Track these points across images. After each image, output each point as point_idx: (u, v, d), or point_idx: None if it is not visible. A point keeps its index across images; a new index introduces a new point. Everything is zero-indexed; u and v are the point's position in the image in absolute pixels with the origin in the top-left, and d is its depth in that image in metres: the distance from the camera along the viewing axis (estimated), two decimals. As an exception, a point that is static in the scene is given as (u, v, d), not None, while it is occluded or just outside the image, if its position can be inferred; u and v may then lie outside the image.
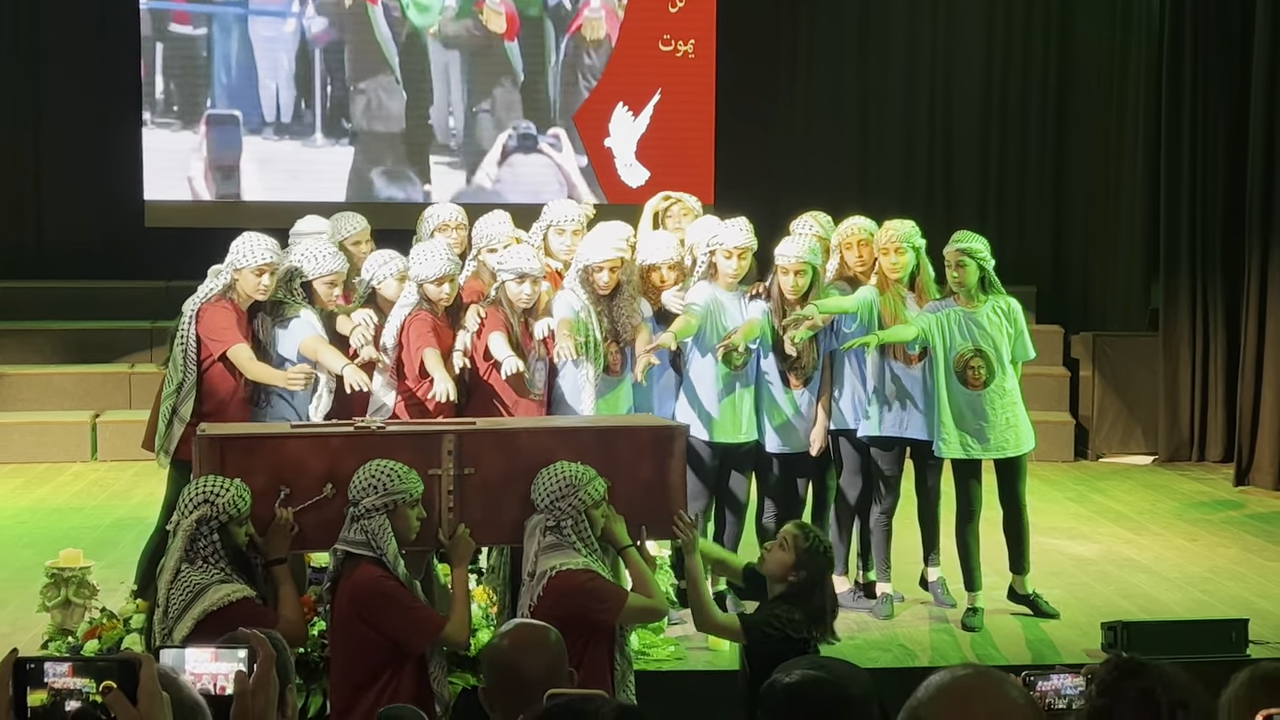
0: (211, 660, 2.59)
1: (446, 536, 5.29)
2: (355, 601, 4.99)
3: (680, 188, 8.17)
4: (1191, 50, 11.21)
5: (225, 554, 4.92)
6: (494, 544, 5.35)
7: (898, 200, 12.23)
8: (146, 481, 10.15)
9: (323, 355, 6.60)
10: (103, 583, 6.80)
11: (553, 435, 5.52)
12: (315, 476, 5.23)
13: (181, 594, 4.82)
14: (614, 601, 5.10)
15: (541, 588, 5.07)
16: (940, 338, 7.02)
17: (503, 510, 5.34)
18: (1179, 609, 7.45)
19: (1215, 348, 11.27)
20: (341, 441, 5.32)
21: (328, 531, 5.17)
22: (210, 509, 4.92)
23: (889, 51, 13.38)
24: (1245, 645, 6.54)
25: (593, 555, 5.21)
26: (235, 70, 12.72)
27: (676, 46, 13.05)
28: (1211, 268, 11.27)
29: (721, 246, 7.01)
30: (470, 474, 5.37)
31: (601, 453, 5.43)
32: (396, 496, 5.07)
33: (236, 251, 6.62)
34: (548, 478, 5.26)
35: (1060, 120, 13.27)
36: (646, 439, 5.60)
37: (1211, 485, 10.61)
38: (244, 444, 5.29)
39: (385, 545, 5.02)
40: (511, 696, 3.56)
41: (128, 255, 12.59)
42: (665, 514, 5.49)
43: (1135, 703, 2.85)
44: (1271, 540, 8.96)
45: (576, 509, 5.20)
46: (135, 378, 11.59)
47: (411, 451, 5.27)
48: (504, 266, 6.76)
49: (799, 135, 13.44)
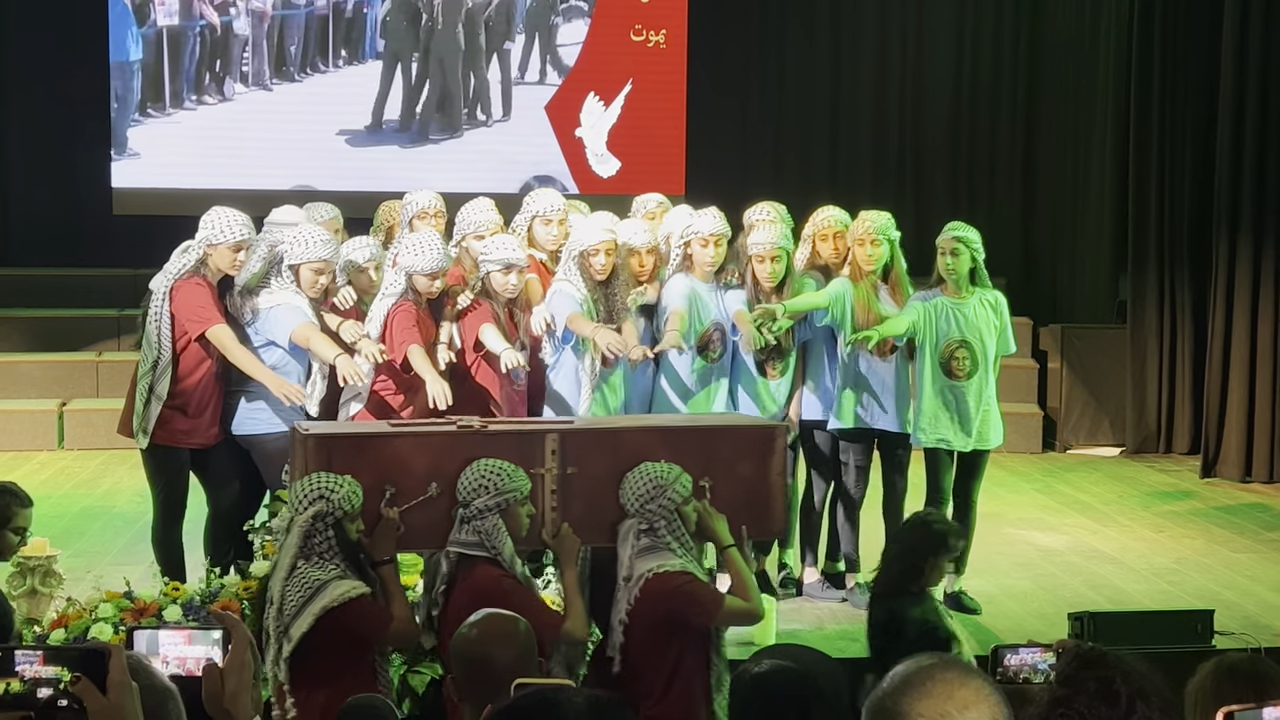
0: (185, 643, 2.59)
1: (550, 535, 5.26)
2: (475, 601, 4.92)
3: (651, 178, 8.19)
4: (1160, 45, 11.25)
5: (340, 550, 4.88)
6: (595, 543, 5.30)
7: (868, 191, 12.24)
8: (113, 470, 10.11)
9: (314, 344, 6.60)
10: (69, 571, 6.76)
11: (654, 435, 5.50)
12: (419, 476, 5.18)
13: (299, 590, 4.78)
14: (711, 604, 5.05)
15: (638, 590, 5.03)
16: (928, 327, 7.02)
17: (604, 509, 5.31)
18: (1145, 600, 7.49)
19: (1183, 340, 11.32)
20: (445, 440, 5.29)
21: (432, 531, 5.14)
22: (326, 505, 4.88)
23: (860, 43, 13.41)
24: (1211, 636, 6.58)
25: (688, 555, 5.15)
26: (201, 57, 12.65)
27: (648, 37, 13.04)
28: (1179, 261, 11.33)
29: (697, 235, 6.99)
30: (573, 473, 5.34)
31: (702, 452, 5.40)
32: (508, 495, 5.05)
33: (211, 227, 6.58)
34: (634, 481, 5.22)
35: (1029, 114, 13.31)
36: (747, 438, 5.58)
37: (1178, 477, 10.67)
38: (349, 443, 5.25)
39: (501, 545, 5.00)
40: (481, 686, 3.56)
41: (95, 243, 12.52)
42: (765, 513, 5.49)
43: (1094, 693, 2.87)
44: (1237, 532, 9.01)
45: (667, 508, 5.15)
46: (102, 366, 11.53)
47: (515, 450, 5.24)
48: (489, 257, 6.73)
49: (770, 126, 13.46)
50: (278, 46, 12.75)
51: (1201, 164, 11.09)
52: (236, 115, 12.73)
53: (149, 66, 12.57)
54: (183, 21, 12.59)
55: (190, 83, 12.66)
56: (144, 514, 8.80)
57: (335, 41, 12.83)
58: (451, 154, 12.91)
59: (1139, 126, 11.38)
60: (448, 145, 12.95)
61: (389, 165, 12.77)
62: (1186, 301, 11.30)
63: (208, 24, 12.62)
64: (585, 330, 6.59)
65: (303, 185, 12.37)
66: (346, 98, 12.84)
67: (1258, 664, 3.52)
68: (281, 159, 12.68)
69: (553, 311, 6.74)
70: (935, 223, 7.58)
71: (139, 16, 12.50)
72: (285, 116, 12.77)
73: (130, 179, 12.63)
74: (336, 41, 12.83)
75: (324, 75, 12.85)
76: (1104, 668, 2.89)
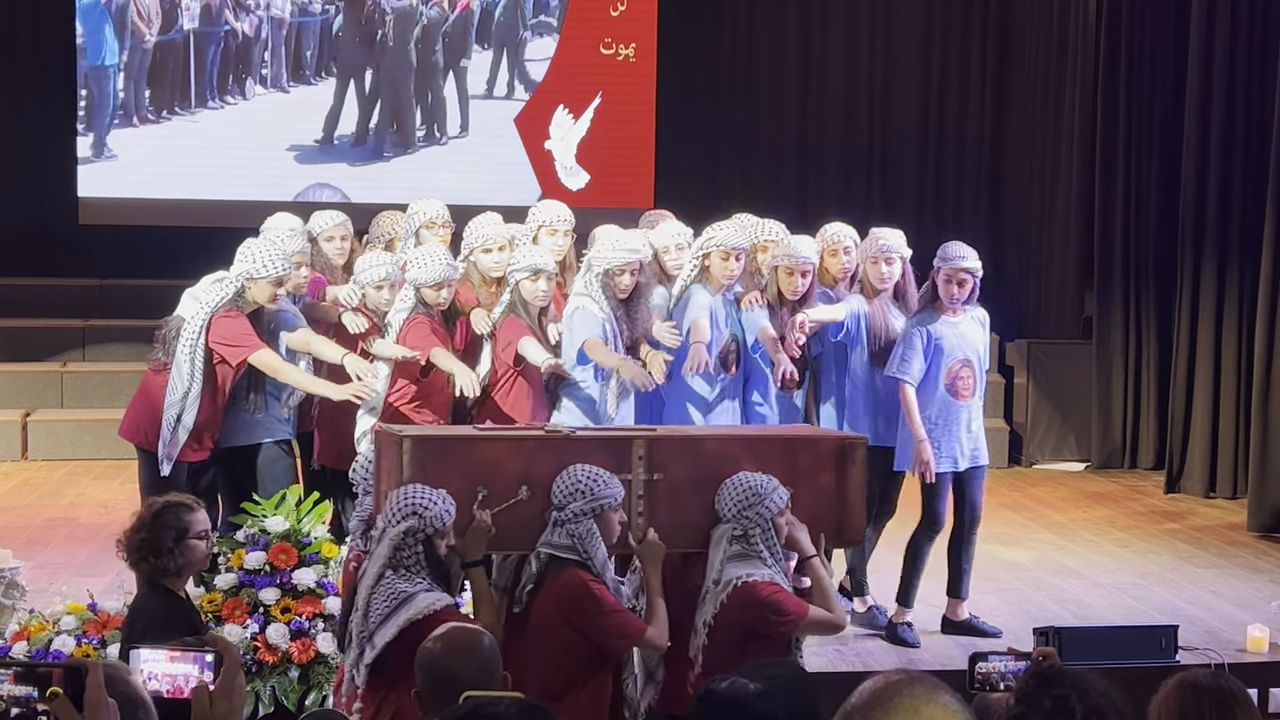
0: (167, 661, 2.55)
1: (637, 540, 5.29)
2: (562, 604, 5.00)
3: (620, 191, 8.18)
4: (1126, 63, 11.33)
5: (427, 565, 4.89)
6: (679, 549, 5.34)
7: (836, 204, 12.26)
8: (77, 481, 10.06)
9: (316, 347, 6.63)
10: (32, 583, 6.72)
11: (738, 443, 5.52)
12: (510, 478, 5.22)
13: (385, 600, 4.79)
14: (795, 615, 5.11)
15: (725, 596, 5.08)
16: (931, 353, 6.93)
17: (688, 516, 5.35)
18: (1110, 615, 7.52)
19: (1148, 356, 11.39)
20: (536, 444, 5.33)
21: (522, 533, 5.18)
22: (419, 521, 4.89)
23: (828, 58, 13.46)
24: (1175, 651, 6.60)
25: (778, 566, 5.21)
26: (168, 67, 12.61)
27: (618, 50, 13.06)
28: (1145, 277, 11.40)
29: (720, 248, 6.93)
30: (658, 479, 5.38)
31: (784, 462, 5.44)
32: (603, 501, 5.09)
33: (252, 260, 6.58)
34: (733, 488, 5.26)
35: (996, 129, 13.39)
36: (828, 449, 5.61)
37: (1143, 492, 10.72)
38: (443, 445, 5.28)
39: (594, 550, 5.05)
40: (445, 700, 3.55)
41: (61, 253, 12.45)
42: (843, 523, 5.55)
43: (1050, 711, 2.88)
44: (1201, 547, 9.06)
45: (764, 517, 5.20)
46: (67, 376, 11.47)
47: (602, 455, 5.29)
48: (517, 265, 6.74)
49: (739, 139, 13.49)
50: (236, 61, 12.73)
51: (1167, 181, 11.16)
52: (203, 127, 12.69)
53: (116, 77, 12.51)
54: (160, 35, 12.54)
55: (157, 94, 12.62)
56: (108, 525, 8.77)
57: (299, 56, 12.80)
58: (409, 168, 12.90)
59: (1105, 144, 11.46)
60: (403, 160, 12.94)
61: (350, 178, 12.77)
62: (1152, 318, 11.37)
63: (182, 36, 12.57)
64: (609, 361, 6.58)
65: (266, 198, 12.33)
66: (308, 111, 12.81)
67: (1221, 680, 3.53)
68: (246, 170, 12.64)
69: (575, 330, 6.69)
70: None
71: (116, 26, 12.44)
72: (251, 128, 12.73)
73: (97, 188, 12.57)
74: (300, 57, 12.81)
75: (291, 90, 12.81)
76: (1060, 685, 2.90)
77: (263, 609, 6.10)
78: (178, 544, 5.00)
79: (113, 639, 5.97)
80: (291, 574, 6.15)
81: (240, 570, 6.19)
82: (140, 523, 5.07)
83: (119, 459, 10.39)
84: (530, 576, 5.13)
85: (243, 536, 6.25)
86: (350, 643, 4.87)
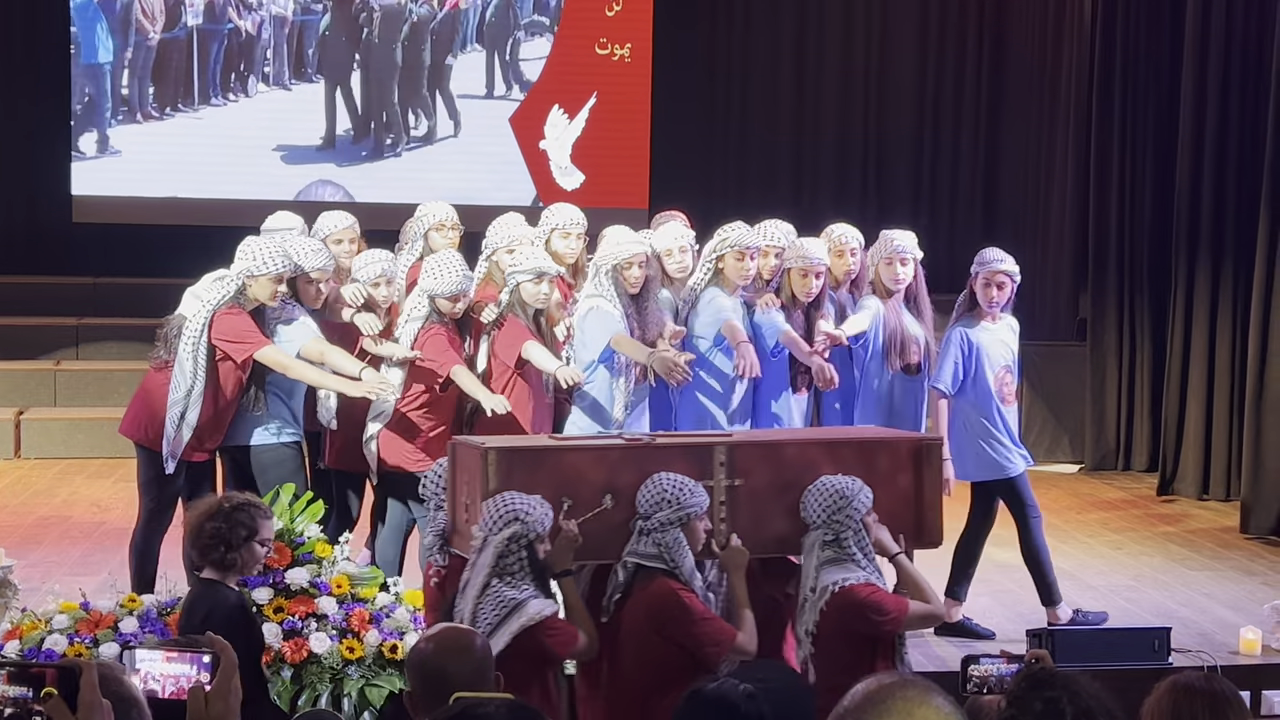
0: (163, 662, 2.54)
1: (719, 546, 5.29)
2: (652, 614, 5.01)
3: (615, 191, 8.17)
4: (1121, 65, 11.34)
5: (531, 570, 4.92)
6: (760, 554, 5.37)
7: (831, 206, 12.28)
8: (70, 480, 10.04)
9: (330, 357, 6.61)
10: (25, 582, 6.71)
11: (818, 448, 5.55)
12: (593, 488, 5.24)
13: (494, 608, 4.82)
14: (897, 612, 5.13)
15: (824, 603, 5.10)
16: (973, 363, 6.99)
17: (768, 521, 5.39)
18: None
19: (1141, 359, 11.40)
20: (619, 454, 5.35)
21: (606, 542, 5.19)
22: (522, 527, 4.91)
23: (823, 57, 13.47)
24: (1167, 654, 6.60)
25: (872, 566, 5.22)
26: (161, 65, 12.59)
27: (613, 50, 13.06)
28: (1139, 280, 11.41)
29: (735, 248, 6.90)
30: (739, 485, 5.39)
31: (863, 465, 5.46)
32: (689, 510, 5.11)
33: (252, 258, 6.55)
34: (819, 493, 5.27)
35: (991, 132, 13.40)
36: (906, 451, 5.63)
37: (1136, 494, 10.73)
38: (529, 457, 5.29)
39: (681, 559, 5.06)
40: (437, 700, 3.54)
41: (54, 251, 12.44)
42: (922, 525, 5.57)
43: (1040, 713, 2.89)
44: (1194, 549, 9.06)
45: (853, 519, 5.21)
46: (60, 374, 11.46)
47: (685, 462, 5.31)
48: (520, 267, 6.70)
49: (734, 139, 13.49)
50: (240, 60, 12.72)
51: (1161, 184, 11.17)
52: (202, 125, 12.68)
53: (114, 74, 12.50)
54: (164, 32, 12.53)
55: (154, 92, 12.61)
56: (101, 524, 8.77)
57: (302, 55, 12.80)
58: (400, 169, 12.89)
59: (1099, 147, 11.47)
60: (393, 161, 12.93)
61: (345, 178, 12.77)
62: (1146, 320, 11.38)
63: (186, 34, 12.56)
64: (639, 354, 6.52)
65: (263, 196, 12.32)
66: (309, 110, 12.80)
67: (1213, 682, 3.53)
68: (244, 169, 12.63)
69: (589, 330, 6.66)
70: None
71: (118, 23, 12.43)
72: (252, 127, 12.72)
73: (90, 187, 12.55)
74: (303, 55, 12.80)
75: (293, 87, 12.81)
76: (1051, 688, 2.91)
77: (256, 608, 6.08)
78: (245, 543, 5.05)
79: (105, 638, 5.96)
80: (284, 574, 6.14)
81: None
82: (216, 511, 5.09)
83: (112, 458, 10.40)
84: (617, 586, 5.15)
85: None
86: None
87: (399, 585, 6.34)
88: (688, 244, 7.15)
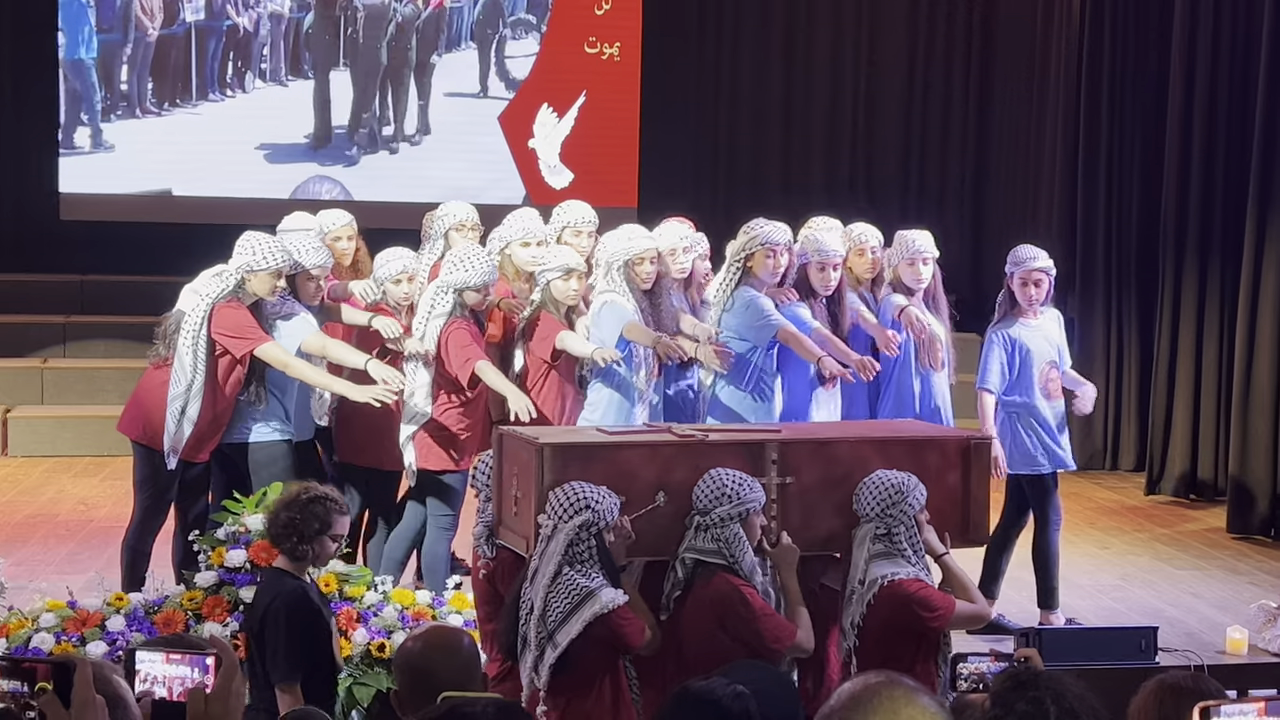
0: (164, 663, 2.52)
1: (770, 544, 5.30)
2: (715, 609, 5.01)
3: (604, 190, 8.17)
4: (1109, 65, 11.35)
5: (599, 559, 4.92)
6: (810, 551, 5.37)
7: (820, 205, 12.25)
8: (57, 478, 10.03)
9: (333, 351, 6.60)
10: (11, 580, 6.69)
11: (869, 445, 5.54)
12: (646, 484, 5.24)
13: (566, 596, 4.81)
14: (944, 609, 5.14)
15: (872, 596, 5.11)
16: (1016, 359, 7.04)
17: (819, 519, 5.39)
18: (1090, 616, 7.54)
19: (1129, 359, 11.42)
20: (672, 450, 5.34)
21: (658, 538, 5.19)
22: (592, 515, 4.91)
23: (813, 56, 13.47)
24: (1154, 653, 6.62)
25: (921, 563, 5.24)
26: (148, 61, 12.57)
27: (602, 49, 13.06)
28: (1126, 279, 11.42)
29: (764, 246, 6.87)
30: (791, 483, 5.40)
31: (913, 462, 5.46)
32: (749, 505, 5.11)
33: (252, 253, 6.54)
34: (874, 486, 5.28)
35: (980, 132, 13.42)
36: (955, 448, 5.63)
37: (1124, 494, 10.75)
38: (583, 452, 5.27)
39: (741, 554, 5.06)
40: (424, 700, 3.54)
41: (41, 248, 12.40)
42: (969, 523, 5.58)
43: (1024, 714, 2.89)
44: (1181, 549, 9.08)
45: (906, 515, 5.23)
46: (48, 372, 11.44)
47: (737, 459, 5.31)
48: (549, 265, 6.74)
49: (723, 138, 13.50)
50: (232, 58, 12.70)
51: (1149, 185, 11.19)
52: (187, 123, 12.65)
53: (100, 71, 12.48)
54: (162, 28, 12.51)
55: (142, 90, 12.58)
56: (88, 522, 8.76)
57: (298, 53, 12.78)
58: (388, 168, 12.88)
59: (1087, 146, 11.48)
60: (382, 159, 12.92)
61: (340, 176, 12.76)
62: (1133, 320, 11.40)
63: (184, 30, 12.54)
64: (647, 339, 6.54)
65: (259, 195, 12.33)
66: (302, 108, 12.79)
67: (1200, 682, 3.54)
68: (231, 167, 12.61)
69: (604, 325, 6.67)
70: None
71: (104, 19, 12.40)
72: (239, 125, 12.70)
73: (78, 184, 12.52)
74: (299, 53, 12.78)
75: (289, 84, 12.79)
76: (1035, 688, 2.91)
77: (243, 606, 6.08)
78: (317, 536, 5.06)
79: (92, 636, 5.96)
80: (271, 572, 6.12)
81: (221, 568, 6.17)
82: (292, 501, 5.10)
83: (99, 456, 10.38)
84: (677, 583, 5.14)
85: (223, 534, 6.23)
86: (525, 647, 4.86)
87: (387, 584, 6.34)
88: (690, 244, 7.15)
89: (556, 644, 4.76)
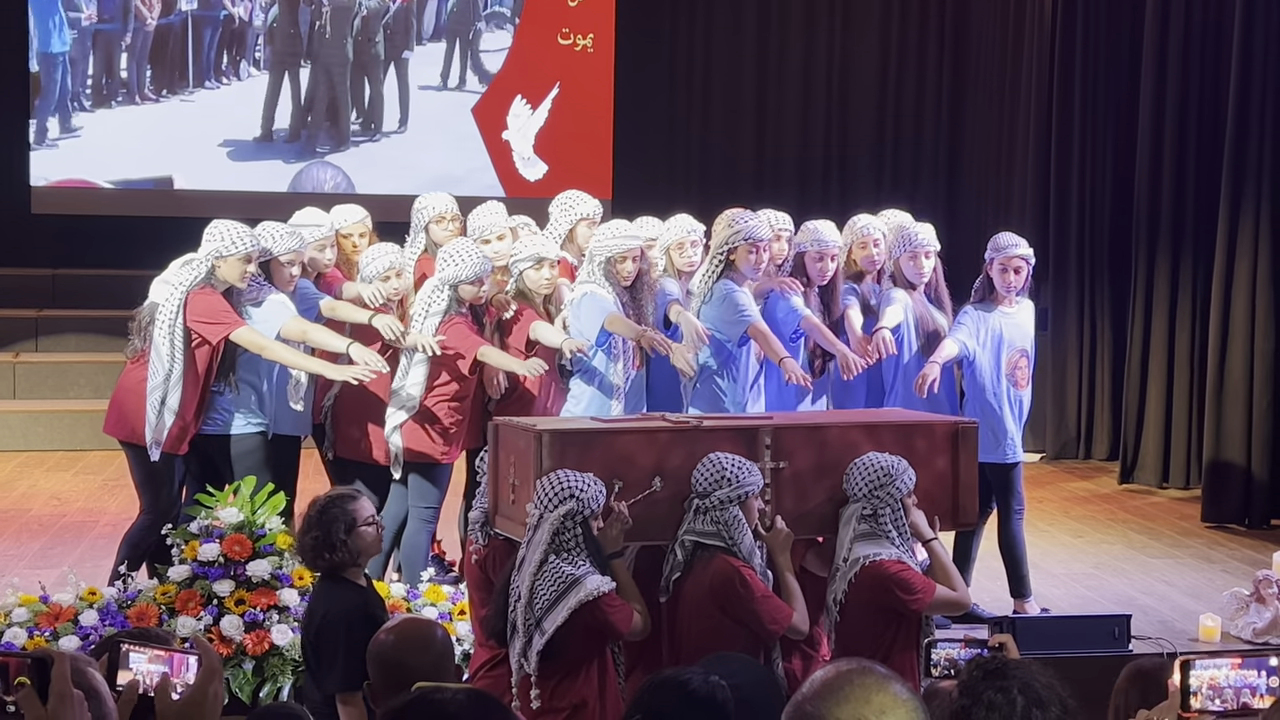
0: (147, 662, 2.51)
1: (764, 529, 5.33)
2: (715, 591, 5.05)
3: (578, 181, 8.13)
4: (1081, 56, 11.39)
5: (586, 546, 4.94)
6: (802, 535, 5.44)
7: (794, 197, 12.31)
8: (30, 473, 9.98)
9: (314, 335, 6.56)
10: (-17, 575, 6.66)
11: (859, 430, 5.60)
12: (643, 470, 5.28)
13: (552, 584, 4.83)
14: (923, 592, 5.18)
15: (854, 574, 5.17)
16: (988, 341, 7.04)
17: (811, 503, 5.46)
18: (1063, 604, 7.56)
19: (1102, 348, 11.46)
20: (669, 436, 5.39)
21: (654, 524, 5.24)
22: (577, 504, 4.93)
23: (786, 48, 13.48)
24: (1127, 641, 6.65)
25: (905, 546, 5.29)
26: (120, 54, 12.51)
27: (575, 40, 13.04)
28: (1099, 269, 11.46)
29: (747, 241, 6.82)
30: (784, 467, 5.45)
31: (902, 447, 5.52)
32: (748, 488, 5.16)
33: (220, 239, 6.50)
34: (864, 468, 5.34)
35: (953, 124, 13.44)
36: (943, 433, 5.68)
37: (1097, 483, 10.78)
38: (581, 439, 5.31)
39: (740, 536, 5.12)
40: (398, 692, 3.53)
41: (12, 242, 12.33)
42: (957, 507, 5.64)
43: (991, 704, 2.90)
44: (1154, 537, 9.12)
45: (894, 497, 5.28)
46: (19, 367, 11.37)
47: (732, 444, 5.36)
48: (520, 256, 6.77)
49: (696, 130, 13.50)
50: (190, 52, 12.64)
51: (1121, 174, 11.23)
52: (157, 116, 12.59)
53: (73, 63, 12.41)
54: (107, 22, 12.45)
55: (112, 82, 12.52)
56: (61, 517, 8.72)
57: (251, 48, 12.73)
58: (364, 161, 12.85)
59: (1060, 136, 11.52)
60: (356, 152, 12.89)
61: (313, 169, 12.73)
62: (1106, 309, 11.44)
63: (138, 25, 12.48)
64: (629, 331, 6.57)
65: (227, 188, 12.29)
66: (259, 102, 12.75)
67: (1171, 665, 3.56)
68: (202, 160, 12.56)
69: (584, 316, 6.66)
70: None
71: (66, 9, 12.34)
72: (208, 118, 12.65)
73: (49, 177, 12.46)
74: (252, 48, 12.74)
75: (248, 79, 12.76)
76: (1003, 678, 2.92)
77: (216, 601, 6.06)
78: (349, 535, 5.02)
79: (65, 631, 5.93)
80: (245, 565, 6.11)
81: (194, 562, 6.14)
82: (309, 523, 5.06)
83: (72, 450, 10.34)
84: (676, 565, 5.19)
85: (196, 528, 6.20)
86: (514, 634, 4.89)
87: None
88: (699, 237, 7.12)
89: (544, 630, 4.80)
